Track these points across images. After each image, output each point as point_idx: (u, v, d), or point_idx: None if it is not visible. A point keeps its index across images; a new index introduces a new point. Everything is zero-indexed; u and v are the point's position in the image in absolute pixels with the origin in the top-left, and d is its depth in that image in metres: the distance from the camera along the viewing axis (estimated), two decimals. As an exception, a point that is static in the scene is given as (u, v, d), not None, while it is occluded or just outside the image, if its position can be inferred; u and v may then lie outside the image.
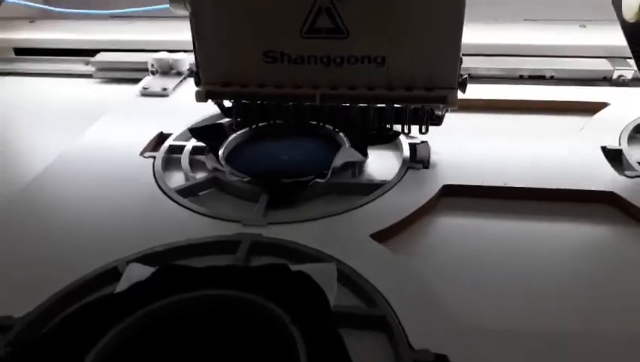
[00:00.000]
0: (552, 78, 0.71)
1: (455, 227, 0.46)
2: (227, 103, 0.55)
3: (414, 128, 0.53)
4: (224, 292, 0.35)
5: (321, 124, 0.57)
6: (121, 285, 0.35)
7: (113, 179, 0.52)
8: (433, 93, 0.49)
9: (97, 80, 0.79)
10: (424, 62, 0.48)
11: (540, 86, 0.69)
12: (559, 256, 0.43)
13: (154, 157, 0.54)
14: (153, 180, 0.51)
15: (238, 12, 0.48)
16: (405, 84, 0.49)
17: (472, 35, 0.79)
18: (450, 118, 0.63)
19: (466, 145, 0.56)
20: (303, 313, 0.33)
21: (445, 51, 0.47)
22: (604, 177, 0.50)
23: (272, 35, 0.49)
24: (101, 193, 0.50)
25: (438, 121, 0.54)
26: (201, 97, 0.51)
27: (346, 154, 0.51)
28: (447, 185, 0.49)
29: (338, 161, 0.50)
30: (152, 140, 0.58)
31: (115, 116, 0.65)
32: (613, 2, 0.55)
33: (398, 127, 0.54)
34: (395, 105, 0.52)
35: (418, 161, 0.53)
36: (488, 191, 0.49)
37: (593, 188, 0.48)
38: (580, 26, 0.78)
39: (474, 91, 0.67)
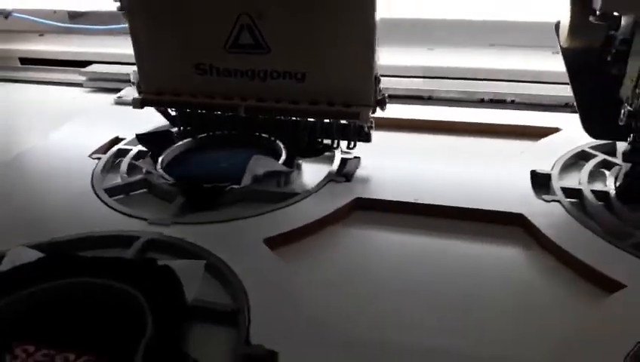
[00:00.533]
0: (512, 102, 0.70)
1: (358, 239, 0.47)
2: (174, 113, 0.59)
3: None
4: (93, 280, 0.37)
5: (257, 134, 0.59)
6: (3, 266, 0.39)
7: (57, 176, 0.56)
8: (350, 109, 0.50)
9: (87, 89, 0.85)
10: (340, 80, 0.50)
11: (498, 110, 0.69)
12: (452, 272, 0.43)
13: (99, 158, 0.58)
14: (90, 178, 0.54)
15: (170, 26, 0.52)
16: (325, 100, 0.51)
17: (445, 59, 0.81)
18: (398, 138, 0.65)
19: (398, 162, 0.57)
20: (159, 302, 0.35)
21: (359, 71, 0.49)
22: (520, 200, 0.49)
23: (201, 48, 0.52)
24: (42, 186, 0.54)
25: (366, 137, 0.55)
26: (137, 104, 0.54)
27: (265, 164, 0.53)
28: (360, 198, 0.50)
29: (258, 170, 0.52)
30: (105, 143, 0.62)
31: (83, 121, 0.70)
32: (555, 28, 0.55)
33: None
34: (325, 121, 0.54)
35: (343, 174, 0.54)
36: (401, 207, 0.50)
37: (504, 209, 0.48)
38: (553, 53, 0.77)
39: (430, 113, 0.69)
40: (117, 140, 0.63)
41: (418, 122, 0.67)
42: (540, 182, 0.52)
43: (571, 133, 0.61)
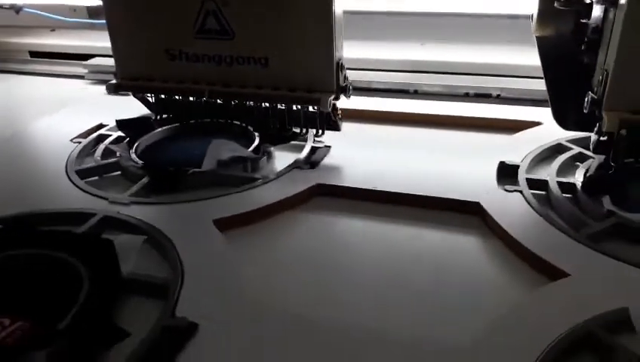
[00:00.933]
0: (498, 96, 0.69)
1: (314, 224, 0.47)
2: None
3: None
4: (37, 251, 0.39)
5: (230, 122, 0.59)
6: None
7: (37, 157, 0.59)
8: (312, 95, 0.51)
9: (88, 81, 0.88)
10: (302, 66, 0.50)
11: (482, 104, 0.67)
12: (403, 258, 0.42)
13: (79, 143, 0.60)
14: (66, 160, 0.56)
15: (142, 13, 0.53)
16: (287, 85, 0.51)
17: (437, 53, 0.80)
18: (377, 130, 0.65)
19: (371, 153, 0.57)
20: (96, 272, 0.37)
21: (320, 57, 0.49)
22: (482, 190, 0.48)
23: (171, 34, 0.53)
24: (21, 166, 0.57)
25: (335, 126, 0.55)
26: (111, 89, 0.56)
27: (231, 149, 0.53)
28: (321, 183, 0.50)
29: (223, 154, 0.53)
30: (89, 129, 0.64)
31: (74, 109, 0.72)
32: (530, 18, 0.54)
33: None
34: (294, 108, 0.55)
35: (309, 162, 0.54)
36: (361, 194, 0.49)
37: (462, 198, 0.47)
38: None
39: (414, 106, 0.68)
40: (100, 127, 0.65)
41: (399, 115, 0.66)
42: (508, 173, 0.51)
43: (552, 126, 0.60)
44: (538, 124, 0.61)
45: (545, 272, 0.39)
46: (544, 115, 0.63)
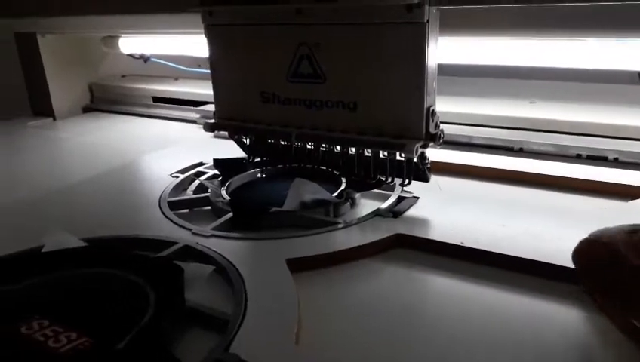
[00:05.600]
0: (615, 160, 0.62)
1: (388, 275, 0.44)
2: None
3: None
4: (111, 271, 0.40)
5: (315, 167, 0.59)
6: (47, 247, 0.43)
7: (138, 187, 0.63)
8: (397, 140, 0.49)
9: (200, 124, 0.94)
10: (390, 111, 0.49)
11: (595, 167, 0.61)
12: (475, 322, 0.38)
13: (177, 177, 0.63)
14: (161, 192, 0.59)
15: (242, 58, 0.56)
16: (375, 131, 0.50)
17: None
18: (475, 186, 0.61)
19: (462, 208, 0.53)
20: (162, 297, 0.37)
21: (409, 104, 0.48)
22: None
23: (266, 78, 0.55)
24: (123, 193, 0.61)
25: (424, 177, 0.53)
26: (207, 128, 0.59)
27: (313, 190, 0.52)
28: (400, 234, 0.47)
29: (305, 196, 0.52)
30: (188, 166, 0.67)
31: (181, 148, 0.77)
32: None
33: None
34: (381, 155, 0.53)
35: (393, 211, 0.52)
36: (445, 249, 0.46)
37: (560, 263, 0.42)
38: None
39: (516, 164, 0.64)
40: (200, 165, 0.68)
41: (500, 172, 0.62)
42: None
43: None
44: (663, 191, 0.54)
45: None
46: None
